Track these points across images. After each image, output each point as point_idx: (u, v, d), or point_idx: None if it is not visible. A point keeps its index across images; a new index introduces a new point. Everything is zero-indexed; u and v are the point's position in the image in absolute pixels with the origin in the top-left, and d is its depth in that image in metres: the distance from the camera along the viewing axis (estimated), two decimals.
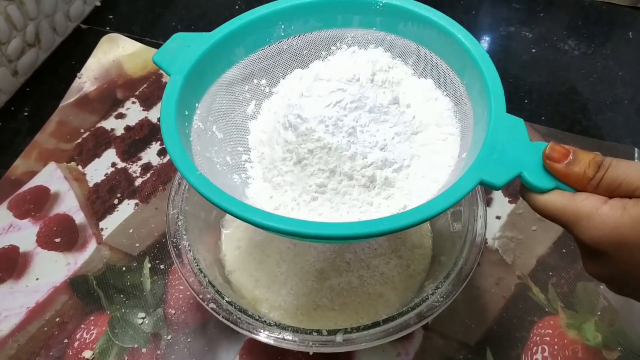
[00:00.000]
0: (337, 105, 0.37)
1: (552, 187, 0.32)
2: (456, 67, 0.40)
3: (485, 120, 0.35)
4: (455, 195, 0.32)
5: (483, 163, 0.33)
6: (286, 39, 0.43)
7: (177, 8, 0.79)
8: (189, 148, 0.37)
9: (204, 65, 0.40)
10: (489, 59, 0.37)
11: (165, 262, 0.54)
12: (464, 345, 0.49)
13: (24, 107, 0.68)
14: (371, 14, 0.42)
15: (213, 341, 0.49)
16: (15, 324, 0.51)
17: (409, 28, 0.41)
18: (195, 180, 0.33)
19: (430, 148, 0.39)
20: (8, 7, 0.64)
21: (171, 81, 0.38)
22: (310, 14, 0.42)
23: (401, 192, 0.37)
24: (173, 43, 0.40)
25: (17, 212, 0.58)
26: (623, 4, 0.77)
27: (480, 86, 0.37)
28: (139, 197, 0.59)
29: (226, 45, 0.41)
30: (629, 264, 0.30)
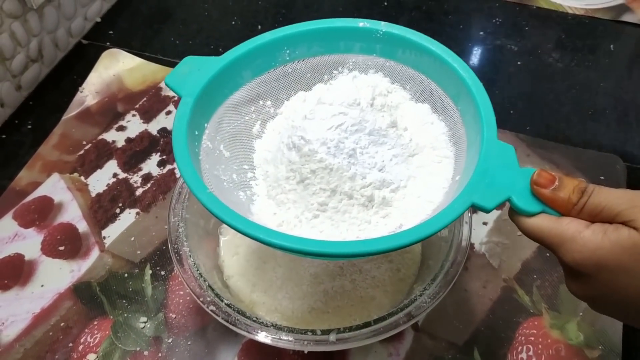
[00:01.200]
0: (339, 128, 0.39)
1: (538, 211, 0.35)
2: (451, 94, 0.42)
3: (477, 145, 0.38)
4: (448, 217, 0.34)
5: (475, 187, 0.35)
6: (291, 63, 0.45)
7: (175, 23, 0.82)
8: (199, 166, 0.39)
9: (213, 88, 0.42)
10: (482, 87, 0.40)
11: (165, 269, 0.56)
12: (453, 346, 0.51)
13: (28, 120, 0.70)
14: (372, 41, 0.44)
15: (212, 344, 0.52)
16: (21, 329, 0.53)
17: (407, 55, 0.44)
18: (206, 199, 0.35)
19: (425, 170, 0.41)
20: (12, 24, 0.66)
21: (182, 103, 0.40)
22: (314, 40, 0.44)
23: (398, 211, 0.39)
24: (184, 66, 0.42)
25: (22, 222, 0.60)
26: (605, 18, 0.80)
27: (473, 112, 0.39)
28: (140, 206, 0.61)
29: (234, 69, 0.43)
30: (608, 285, 0.32)
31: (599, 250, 0.32)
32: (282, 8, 0.83)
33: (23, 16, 0.68)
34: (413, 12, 0.82)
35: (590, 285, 0.33)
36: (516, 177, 0.35)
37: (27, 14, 0.68)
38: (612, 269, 0.32)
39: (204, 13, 0.83)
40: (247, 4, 0.84)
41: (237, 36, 0.79)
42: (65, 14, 0.74)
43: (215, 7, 0.84)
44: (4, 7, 0.64)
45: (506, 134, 0.66)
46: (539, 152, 0.65)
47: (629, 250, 0.31)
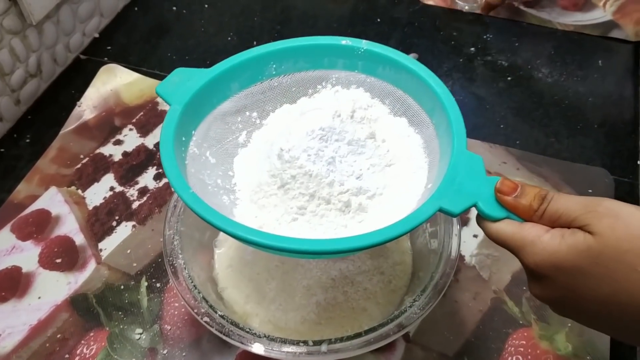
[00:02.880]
0: (320, 137, 0.41)
1: (503, 216, 0.37)
2: (427, 108, 0.44)
3: (448, 156, 0.39)
4: (417, 219, 0.36)
5: (443, 193, 0.37)
6: (277, 77, 0.47)
7: (172, 39, 0.83)
8: (184, 170, 0.40)
9: (202, 98, 0.44)
10: (454, 101, 0.42)
11: (161, 281, 0.57)
12: (444, 357, 0.52)
13: (26, 134, 0.71)
14: (354, 58, 0.46)
15: (207, 355, 0.52)
16: (18, 340, 0.54)
17: (387, 72, 0.46)
18: (188, 198, 0.37)
19: (401, 179, 0.43)
20: (12, 40, 0.68)
21: (171, 110, 0.42)
22: (300, 56, 0.46)
23: (373, 217, 0.41)
24: (175, 77, 0.44)
25: (20, 234, 0.61)
26: (593, 34, 0.82)
27: (446, 126, 0.41)
28: (136, 219, 0.62)
29: (222, 80, 0.45)
30: (566, 287, 0.34)
31: (557, 254, 0.33)
32: (277, 24, 0.85)
33: (22, 32, 0.69)
34: (406, 28, 0.84)
35: (550, 287, 0.35)
36: (483, 184, 0.38)
37: (26, 30, 0.69)
38: (568, 271, 0.33)
39: (200, 29, 0.85)
40: (243, 20, 0.86)
41: (233, 51, 0.79)
42: (64, 30, 0.76)
43: (212, 23, 0.85)
44: (3, 23, 0.66)
45: (496, 148, 0.67)
46: (529, 166, 0.66)
47: (584, 252, 0.33)
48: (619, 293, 0.32)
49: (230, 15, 0.87)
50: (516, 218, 0.37)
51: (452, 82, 0.76)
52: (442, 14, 0.86)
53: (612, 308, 0.33)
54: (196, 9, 0.88)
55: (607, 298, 0.33)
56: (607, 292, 0.33)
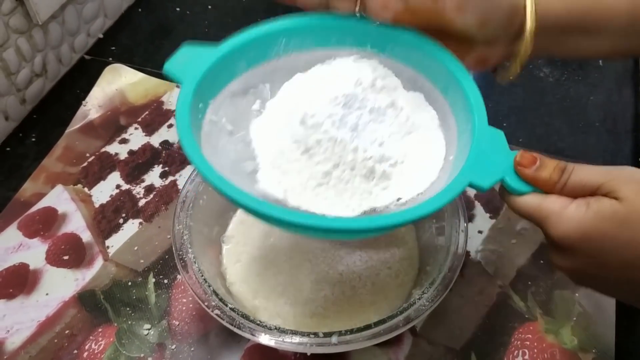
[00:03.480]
0: (343, 104, 0.41)
1: (529, 190, 0.37)
2: (440, 86, 0.44)
3: (469, 132, 0.40)
4: (449, 194, 0.36)
5: (471, 168, 0.37)
6: (285, 55, 0.45)
7: (176, 39, 0.83)
8: (199, 139, 0.40)
9: (212, 76, 0.42)
10: (471, 79, 0.41)
11: (168, 277, 0.57)
12: (451, 350, 0.52)
13: (32, 133, 0.71)
14: (364, 35, 0.45)
15: (215, 350, 0.53)
16: (26, 336, 0.54)
17: (398, 50, 0.44)
18: (217, 182, 0.36)
19: (421, 148, 0.43)
20: (18, 40, 0.68)
21: (184, 86, 0.41)
22: (309, 33, 0.45)
23: (396, 184, 0.41)
24: (183, 54, 0.43)
25: (27, 232, 0.61)
26: None
27: (463, 103, 0.41)
28: (143, 216, 0.62)
29: (231, 59, 0.44)
30: (592, 255, 0.34)
31: (583, 222, 0.34)
32: None
33: (28, 32, 0.69)
34: None
35: (575, 257, 0.35)
36: (507, 159, 0.38)
37: (32, 30, 0.70)
38: (595, 238, 0.34)
39: (204, 30, 0.85)
40: (246, 21, 0.86)
41: None
42: (69, 30, 0.76)
43: (215, 24, 0.86)
44: (10, 23, 0.66)
45: None
46: None
47: (611, 218, 0.33)
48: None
49: (233, 16, 0.87)
50: (541, 191, 0.37)
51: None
52: None
53: (635, 273, 0.34)
54: (199, 10, 0.88)
55: (632, 262, 0.33)
56: (631, 257, 0.33)
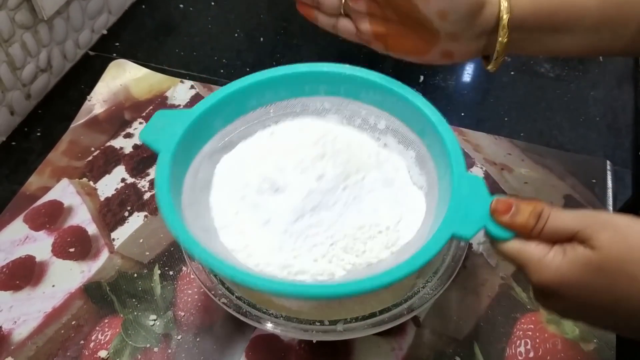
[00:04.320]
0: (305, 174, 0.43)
1: (509, 236, 0.37)
2: (417, 130, 0.44)
3: (448, 179, 0.40)
4: (433, 249, 0.37)
5: (452, 219, 0.37)
6: (262, 107, 0.47)
7: (179, 36, 0.84)
8: (182, 217, 0.40)
9: (187, 140, 0.43)
10: (446, 123, 0.42)
11: (174, 269, 0.58)
12: (454, 340, 0.53)
13: (37, 128, 0.72)
14: (336, 84, 0.46)
15: (220, 340, 0.53)
16: (33, 327, 0.54)
17: (371, 96, 0.46)
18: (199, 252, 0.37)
19: (402, 201, 0.44)
20: (24, 35, 0.69)
21: (160, 158, 0.41)
22: (281, 85, 0.46)
23: (372, 249, 0.43)
24: (157, 121, 0.43)
25: (33, 225, 0.62)
26: None
27: (440, 147, 0.41)
28: (148, 209, 0.63)
29: (205, 120, 0.44)
30: (572, 300, 0.35)
31: (560, 270, 0.34)
32: (283, 21, 0.86)
33: (34, 27, 0.70)
34: None
35: (556, 300, 0.36)
36: (487, 206, 0.37)
37: (37, 25, 0.70)
38: (573, 284, 0.34)
39: (207, 26, 0.86)
40: (249, 18, 0.87)
41: (240, 48, 0.82)
42: (73, 26, 0.77)
43: (218, 20, 0.87)
44: (16, 18, 0.67)
45: (501, 140, 0.69)
46: (533, 157, 0.67)
47: (586, 267, 0.34)
48: (621, 301, 0.33)
49: (236, 12, 0.88)
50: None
51: (456, 77, 0.78)
52: None
53: (617, 314, 0.34)
54: (203, 6, 0.89)
55: (611, 306, 0.34)
56: (610, 301, 0.34)
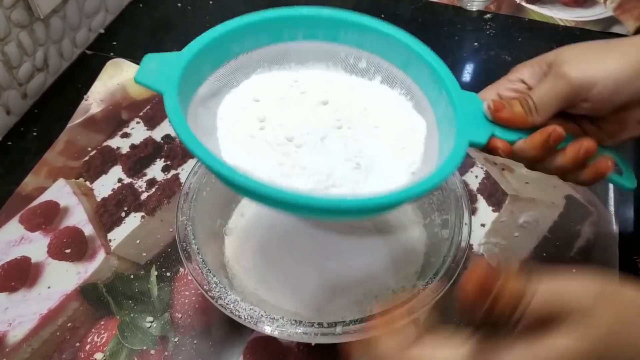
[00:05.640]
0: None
1: (517, 138, 0.41)
2: (399, 64, 0.44)
3: (445, 99, 0.41)
4: (457, 157, 0.38)
5: (464, 129, 0.39)
6: (242, 54, 0.45)
7: (177, 35, 0.84)
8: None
9: (184, 82, 0.41)
10: (430, 51, 0.43)
11: (171, 270, 0.57)
12: None
13: (33, 127, 0.71)
14: (314, 28, 0.45)
15: (218, 342, 0.52)
16: (28, 329, 0.54)
17: (350, 36, 0.45)
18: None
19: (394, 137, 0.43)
20: (20, 34, 0.68)
21: (167, 98, 0.40)
22: (261, 31, 0.45)
23: (382, 172, 0.42)
24: (149, 63, 0.42)
25: (29, 226, 0.61)
26: (595, 30, 0.83)
27: (428, 75, 0.42)
28: (145, 210, 0.62)
29: (195, 63, 0.43)
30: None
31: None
32: None
33: (30, 26, 0.69)
34: (409, 23, 0.84)
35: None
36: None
37: (34, 24, 0.70)
38: None
39: (205, 25, 0.84)
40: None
41: None
42: (70, 25, 0.76)
43: (217, 19, 0.85)
44: (12, 17, 0.66)
45: None
46: None
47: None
48: None
49: (235, 11, 0.86)
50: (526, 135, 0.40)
51: (456, 76, 0.77)
52: (445, 11, 0.87)
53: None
54: (201, 5, 0.88)
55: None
56: None
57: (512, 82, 0.44)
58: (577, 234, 0.59)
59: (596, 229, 0.60)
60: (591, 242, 0.59)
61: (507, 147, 0.41)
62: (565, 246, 0.59)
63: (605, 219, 0.61)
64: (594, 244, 0.59)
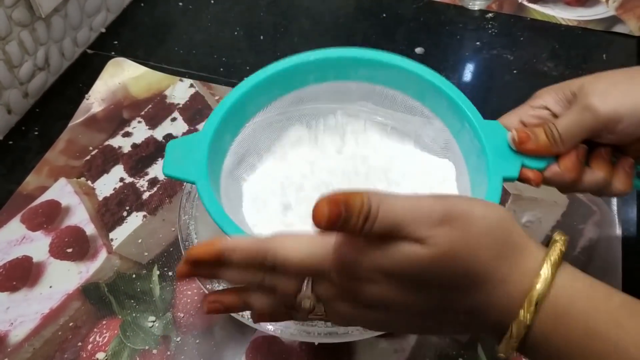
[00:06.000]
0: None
1: (546, 164, 0.40)
2: (415, 95, 0.44)
3: (468, 130, 0.40)
4: (495, 196, 0.38)
5: (494, 165, 0.39)
6: (261, 111, 0.46)
7: (178, 34, 0.84)
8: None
9: (211, 163, 0.42)
10: (447, 80, 0.42)
11: (173, 270, 0.57)
12: (457, 342, 0.52)
13: (34, 127, 0.71)
14: (327, 69, 0.45)
15: (220, 342, 0.52)
16: (30, 329, 0.53)
17: (362, 73, 0.45)
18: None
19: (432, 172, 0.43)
20: (21, 33, 0.68)
21: (200, 187, 0.40)
22: (273, 85, 0.46)
23: None
24: (173, 152, 0.42)
25: (30, 225, 0.61)
26: (597, 29, 0.83)
27: (447, 104, 0.42)
28: (147, 209, 0.62)
29: (218, 138, 0.43)
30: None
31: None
32: (283, 19, 0.85)
33: (31, 25, 0.69)
34: (411, 22, 0.84)
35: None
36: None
37: (35, 23, 0.69)
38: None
39: (207, 24, 0.85)
40: (249, 16, 0.86)
41: (239, 46, 0.81)
42: (71, 24, 0.76)
43: (218, 18, 0.86)
44: (13, 16, 0.66)
45: None
46: None
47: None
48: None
49: (236, 10, 0.87)
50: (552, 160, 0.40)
51: (458, 75, 0.77)
52: (447, 10, 0.87)
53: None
54: (202, 4, 0.88)
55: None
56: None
57: (535, 108, 0.43)
58: (580, 234, 0.59)
59: (599, 229, 0.60)
60: (594, 241, 0.59)
61: (539, 176, 0.41)
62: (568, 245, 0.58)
63: (608, 218, 0.60)
64: (596, 243, 0.58)
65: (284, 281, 0.31)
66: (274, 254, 0.31)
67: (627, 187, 0.42)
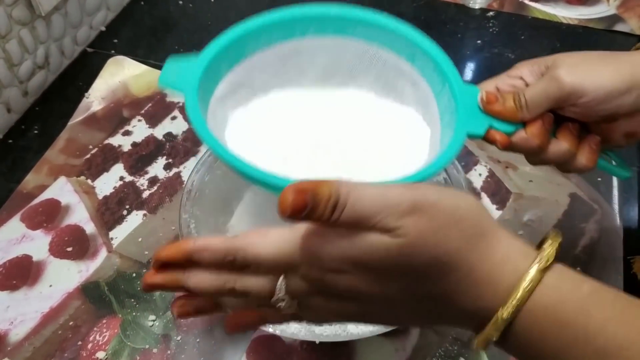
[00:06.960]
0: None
1: (514, 129, 0.41)
2: (406, 56, 0.45)
3: (447, 91, 0.42)
4: (456, 147, 0.39)
5: (462, 121, 0.41)
6: (256, 52, 0.47)
7: (178, 33, 0.83)
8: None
9: (204, 83, 0.43)
10: (434, 44, 0.44)
11: None
12: (457, 341, 0.52)
13: (34, 125, 0.71)
14: (325, 24, 0.46)
15: (220, 341, 0.52)
16: (30, 327, 0.53)
17: (358, 30, 0.46)
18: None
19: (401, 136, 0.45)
20: (21, 31, 0.68)
21: (187, 96, 0.41)
22: (273, 30, 0.47)
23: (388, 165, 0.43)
24: (171, 65, 0.43)
25: (30, 224, 0.61)
26: (598, 28, 0.83)
27: (432, 67, 0.43)
28: (147, 208, 0.62)
29: (215, 63, 0.44)
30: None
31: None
32: None
33: (31, 23, 0.69)
34: (412, 21, 0.84)
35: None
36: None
37: (35, 21, 0.69)
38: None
39: (207, 22, 0.85)
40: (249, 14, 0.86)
41: None
42: (71, 23, 0.76)
43: (218, 17, 0.86)
44: (13, 14, 0.66)
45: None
46: None
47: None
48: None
49: (236, 9, 0.87)
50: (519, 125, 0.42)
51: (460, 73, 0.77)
52: (448, 9, 0.86)
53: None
54: (202, 2, 0.88)
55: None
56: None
57: (512, 77, 0.45)
58: (582, 232, 0.59)
59: (600, 227, 0.59)
60: (595, 240, 0.58)
61: (505, 138, 0.41)
62: (569, 244, 0.58)
63: (610, 217, 0.60)
64: (598, 241, 0.58)
65: (256, 282, 0.31)
66: (244, 252, 0.30)
67: (590, 162, 0.43)
